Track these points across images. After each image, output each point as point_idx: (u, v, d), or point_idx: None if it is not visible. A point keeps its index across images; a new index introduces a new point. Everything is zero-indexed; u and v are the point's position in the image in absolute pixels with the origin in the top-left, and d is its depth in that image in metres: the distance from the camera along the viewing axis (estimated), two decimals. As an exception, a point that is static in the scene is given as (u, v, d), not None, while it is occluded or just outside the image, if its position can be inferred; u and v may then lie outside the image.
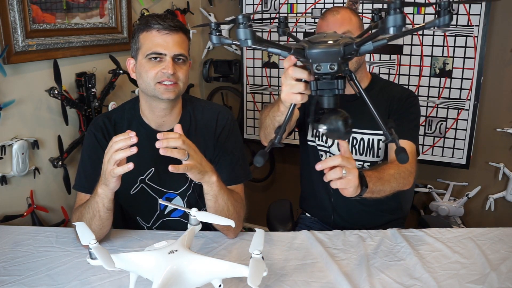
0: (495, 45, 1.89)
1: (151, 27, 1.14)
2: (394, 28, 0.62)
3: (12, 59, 1.39)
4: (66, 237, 1.22)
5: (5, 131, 1.42)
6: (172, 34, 1.14)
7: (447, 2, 0.61)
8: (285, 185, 2.55)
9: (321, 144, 1.45)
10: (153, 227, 1.32)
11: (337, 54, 0.74)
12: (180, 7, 2.27)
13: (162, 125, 1.25)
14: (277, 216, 1.57)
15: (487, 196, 2.07)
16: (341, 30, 1.28)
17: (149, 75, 1.14)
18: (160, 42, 1.13)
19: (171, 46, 1.14)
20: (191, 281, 0.79)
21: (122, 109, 1.31)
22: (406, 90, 1.46)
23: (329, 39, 0.77)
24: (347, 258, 1.10)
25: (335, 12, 1.33)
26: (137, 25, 1.19)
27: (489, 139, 2.00)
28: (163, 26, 1.13)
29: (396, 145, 0.80)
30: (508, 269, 1.04)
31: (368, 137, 1.39)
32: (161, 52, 1.14)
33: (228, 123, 1.30)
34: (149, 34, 1.14)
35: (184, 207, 1.00)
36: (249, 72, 2.39)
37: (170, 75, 1.13)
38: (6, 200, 1.45)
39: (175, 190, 1.28)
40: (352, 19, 1.32)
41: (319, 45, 0.76)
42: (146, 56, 1.14)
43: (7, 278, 1.01)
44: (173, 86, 1.15)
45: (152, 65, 1.15)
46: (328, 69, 0.75)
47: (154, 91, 1.16)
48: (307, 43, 0.78)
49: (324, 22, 1.33)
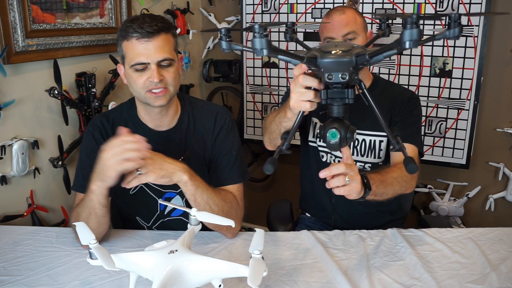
0: (495, 45, 1.89)
1: (130, 35, 1.10)
2: (410, 42, 0.63)
3: (12, 59, 1.39)
4: (66, 237, 1.22)
5: (5, 131, 1.42)
6: (152, 39, 1.10)
7: (457, 15, 0.62)
8: (285, 185, 2.55)
9: (322, 145, 1.45)
10: (153, 226, 1.32)
11: (349, 64, 0.75)
12: (180, 7, 2.27)
13: (159, 126, 1.26)
14: (277, 216, 1.57)
15: (487, 196, 2.07)
16: (346, 30, 1.29)
17: (138, 84, 1.13)
18: (141, 51, 1.10)
19: (153, 53, 1.10)
20: (191, 281, 0.79)
21: (120, 109, 1.31)
22: (408, 91, 1.46)
23: (341, 49, 0.77)
24: (347, 258, 1.10)
25: (340, 12, 1.33)
26: (119, 32, 1.15)
27: (489, 139, 2.00)
28: (141, 33, 1.09)
29: (404, 155, 0.80)
30: (508, 269, 1.04)
31: (370, 138, 1.39)
32: (144, 62, 1.11)
33: (227, 123, 1.30)
34: (130, 44, 1.11)
35: (184, 207, 1.00)
36: (249, 72, 2.39)
37: (157, 83, 1.12)
38: (6, 200, 1.45)
39: (175, 189, 1.28)
40: (357, 19, 1.33)
41: (332, 54, 0.76)
42: (131, 67, 1.13)
43: (7, 278, 1.01)
44: (163, 92, 1.14)
45: (138, 75, 1.13)
46: (340, 78, 0.76)
47: (145, 99, 1.15)
48: (319, 52, 0.78)
49: (329, 22, 1.33)
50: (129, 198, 1.27)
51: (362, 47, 0.79)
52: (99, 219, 1.09)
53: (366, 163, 1.42)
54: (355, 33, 1.31)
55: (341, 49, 0.77)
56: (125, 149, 0.98)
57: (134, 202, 1.28)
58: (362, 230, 1.24)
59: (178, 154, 1.25)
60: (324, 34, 1.36)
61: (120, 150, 0.98)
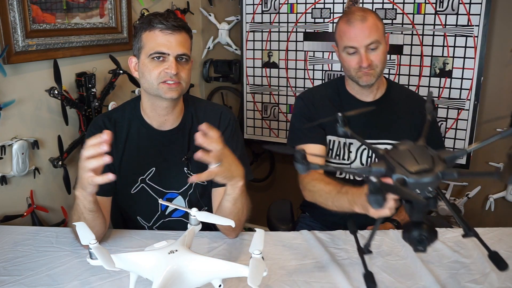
0: (495, 45, 1.89)
1: (154, 26, 1.13)
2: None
3: (12, 59, 1.39)
4: (66, 237, 1.22)
5: (5, 131, 1.42)
6: (175, 33, 1.14)
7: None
8: (285, 185, 2.55)
9: (336, 162, 1.43)
10: (154, 227, 1.32)
11: (436, 181, 0.77)
12: (180, 7, 2.27)
13: (163, 124, 1.25)
14: (278, 216, 1.57)
15: (487, 196, 2.07)
16: (369, 40, 1.26)
17: (152, 74, 1.14)
18: (163, 42, 1.13)
19: (174, 46, 1.13)
20: (191, 281, 0.79)
21: (122, 108, 1.30)
22: (423, 99, 1.47)
23: (424, 166, 0.78)
24: (348, 258, 1.10)
25: (363, 19, 1.27)
26: (139, 24, 1.18)
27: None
28: (166, 25, 1.13)
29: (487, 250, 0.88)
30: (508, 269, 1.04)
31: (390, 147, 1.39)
32: (164, 52, 1.13)
33: (231, 123, 1.30)
34: (152, 34, 1.14)
35: (185, 207, 1.00)
36: (249, 72, 2.39)
37: (173, 75, 1.13)
38: (6, 200, 1.45)
39: (177, 190, 1.28)
40: (378, 26, 1.29)
41: (418, 174, 0.77)
42: (149, 56, 1.14)
43: (7, 278, 1.01)
44: (176, 85, 1.15)
45: (155, 65, 1.14)
46: (426, 194, 0.77)
47: (157, 90, 1.15)
48: (402, 169, 0.78)
49: (351, 29, 1.28)
50: (130, 197, 1.27)
51: (440, 157, 0.81)
52: (88, 223, 1.07)
53: None
54: (377, 42, 1.27)
55: (425, 166, 0.78)
56: (86, 158, 0.92)
57: (135, 201, 1.28)
58: (363, 230, 1.24)
59: (181, 153, 1.25)
60: (344, 42, 1.30)
61: (84, 159, 0.92)
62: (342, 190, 1.17)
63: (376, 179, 0.74)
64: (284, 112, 2.35)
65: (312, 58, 2.21)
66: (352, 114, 1.01)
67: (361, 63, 1.28)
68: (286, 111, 2.35)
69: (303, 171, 0.81)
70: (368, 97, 1.41)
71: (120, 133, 1.24)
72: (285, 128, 2.37)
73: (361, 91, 1.40)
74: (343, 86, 1.45)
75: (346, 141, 1.41)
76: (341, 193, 1.16)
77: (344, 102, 1.42)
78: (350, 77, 1.36)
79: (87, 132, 1.28)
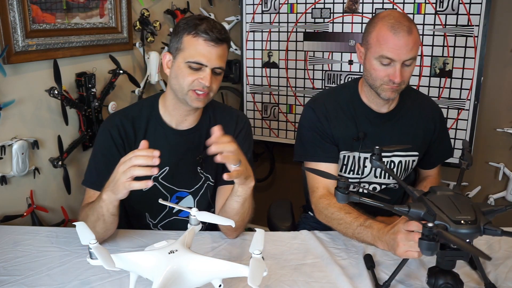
0: (495, 45, 1.89)
1: (199, 34, 1.12)
2: None
3: (12, 59, 1.38)
4: (66, 237, 1.22)
5: (5, 131, 1.42)
6: (217, 46, 1.13)
7: None
8: (285, 185, 2.55)
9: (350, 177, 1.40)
10: (159, 225, 1.32)
11: (477, 234, 0.78)
12: (180, 7, 2.27)
13: (182, 123, 1.26)
14: (278, 216, 1.57)
15: (487, 196, 2.07)
16: (410, 55, 1.17)
17: (186, 80, 1.14)
18: (204, 53, 1.12)
19: (214, 58, 1.13)
20: (191, 281, 0.79)
21: (139, 106, 1.29)
22: (434, 103, 1.47)
23: (467, 217, 0.78)
24: (348, 258, 1.11)
25: (409, 30, 1.16)
26: (183, 24, 1.15)
27: (489, 139, 2.00)
28: (211, 37, 1.11)
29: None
30: (508, 269, 1.04)
31: (406, 159, 1.39)
32: (203, 63, 1.13)
33: (246, 126, 1.33)
34: (195, 41, 1.12)
35: (185, 207, 1.00)
36: (249, 72, 2.39)
37: (206, 87, 1.14)
38: (6, 200, 1.45)
39: (188, 189, 1.29)
40: (419, 41, 1.21)
41: (463, 225, 0.77)
42: (187, 62, 1.13)
43: (7, 278, 1.01)
44: (205, 96, 1.16)
45: (190, 72, 1.14)
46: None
47: (185, 96, 1.16)
48: (444, 215, 0.78)
49: (395, 40, 1.16)
50: (141, 194, 1.26)
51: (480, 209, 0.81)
52: (106, 225, 1.09)
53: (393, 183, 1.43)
54: (414, 58, 1.19)
55: (468, 217, 0.78)
56: (133, 165, 0.94)
57: (146, 198, 1.27)
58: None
59: (195, 153, 1.26)
60: (382, 50, 1.18)
61: (129, 165, 0.95)
62: (366, 224, 1.10)
63: (432, 225, 0.71)
64: (284, 112, 2.35)
65: (312, 58, 2.21)
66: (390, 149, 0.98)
67: (394, 77, 1.18)
68: (286, 111, 2.35)
69: (343, 200, 0.80)
70: (383, 107, 1.34)
71: (138, 131, 1.24)
72: (285, 128, 2.37)
73: (376, 101, 1.33)
74: (357, 94, 1.36)
75: (361, 156, 1.36)
76: (364, 226, 1.10)
77: (358, 112, 1.35)
78: (372, 87, 1.26)
79: (101, 129, 1.25)
